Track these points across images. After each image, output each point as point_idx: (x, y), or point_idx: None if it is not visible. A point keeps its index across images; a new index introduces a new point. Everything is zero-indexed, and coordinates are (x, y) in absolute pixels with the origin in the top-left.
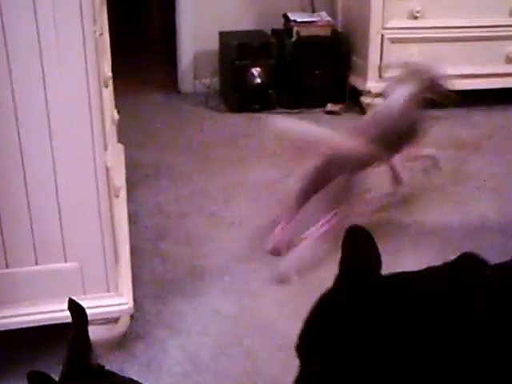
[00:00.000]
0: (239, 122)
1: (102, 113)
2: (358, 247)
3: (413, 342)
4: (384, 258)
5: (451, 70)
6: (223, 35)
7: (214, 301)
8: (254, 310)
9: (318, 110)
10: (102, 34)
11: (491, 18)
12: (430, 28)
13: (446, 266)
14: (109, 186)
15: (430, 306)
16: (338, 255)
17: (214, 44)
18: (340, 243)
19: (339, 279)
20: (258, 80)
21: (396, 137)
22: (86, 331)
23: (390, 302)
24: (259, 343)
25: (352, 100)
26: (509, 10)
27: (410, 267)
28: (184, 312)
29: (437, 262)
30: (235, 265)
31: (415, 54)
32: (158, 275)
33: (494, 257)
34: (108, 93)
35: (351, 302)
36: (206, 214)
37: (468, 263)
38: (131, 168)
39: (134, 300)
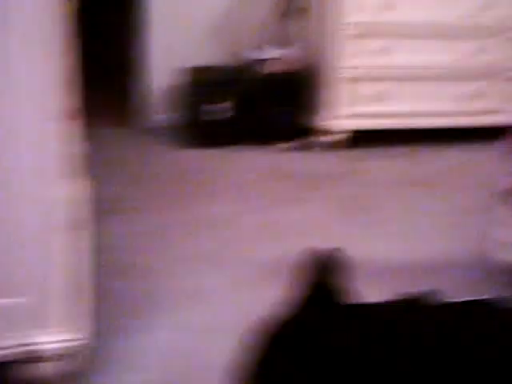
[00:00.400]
0: (199, 157)
1: (69, 145)
2: (322, 274)
3: (374, 370)
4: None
5: (418, 107)
6: (183, 70)
7: (164, 337)
8: (205, 346)
9: (280, 145)
10: (70, 66)
11: (456, 55)
12: (398, 66)
13: (404, 301)
14: (65, 219)
15: (387, 336)
16: None
17: (173, 79)
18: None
19: (301, 305)
20: (220, 115)
21: None
22: None
23: (352, 331)
24: (209, 380)
25: (315, 136)
26: (472, 49)
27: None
28: (134, 349)
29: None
30: (188, 301)
31: (383, 92)
32: (119, 309)
33: (450, 290)
34: (75, 125)
35: (312, 331)
36: (159, 250)
37: (423, 299)
38: (96, 201)
39: (88, 335)
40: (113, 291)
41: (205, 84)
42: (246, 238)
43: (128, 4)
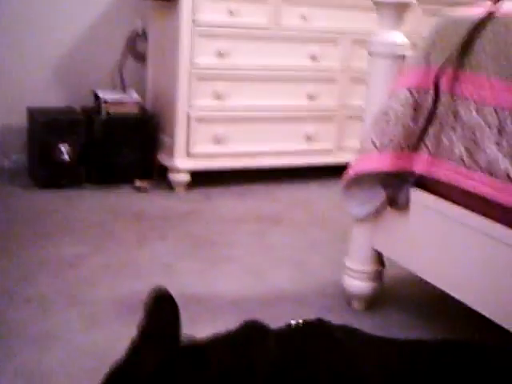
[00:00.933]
0: (46, 198)
1: None
2: (164, 314)
3: None
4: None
5: (256, 148)
6: (31, 111)
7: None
8: None
9: (126, 186)
10: None
11: (292, 100)
12: (235, 108)
13: (232, 333)
14: None
15: (224, 371)
16: None
17: (21, 119)
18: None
19: (143, 346)
20: (66, 157)
21: None
22: None
23: (195, 370)
24: None
25: (160, 177)
26: (306, 94)
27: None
28: None
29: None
30: (29, 345)
31: (221, 133)
32: None
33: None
34: None
35: (161, 372)
36: (1, 293)
37: (250, 330)
38: None
39: None
40: None
41: (51, 125)
42: (95, 278)
43: None
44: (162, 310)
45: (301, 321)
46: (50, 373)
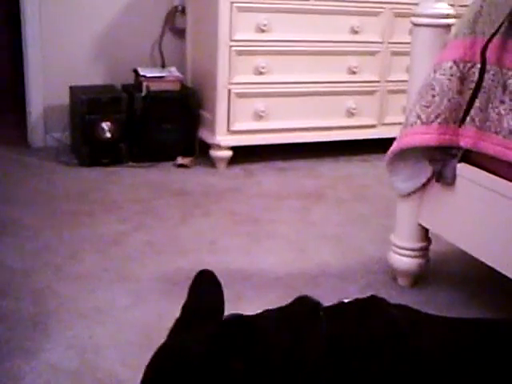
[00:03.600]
0: (90, 176)
1: None
2: (206, 292)
3: None
4: (228, 306)
5: (297, 124)
6: (73, 89)
7: (54, 357)
8: (97, 363)
9: (168, 163)
10: None
11: (333, 75)
12: (275, 83)
13: (284, 309)
14: None
15: (276, 347)
16: None
17: (64, 98)
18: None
19: (190, 324)
20: (108, 134)
21: None
22: None
23: (247, 350)
24: None
25: (202, 153)
26: (347, 68)
27: (256, 309)
28: (23, 371)
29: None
30: (80, 320)
31: (262, 108)
32: (3, 333)
33: (334, 301)
34: None
35: (209, 352)
36: (51, 270)
37: (303, 306)
38: None
39: None
40: (4, 312)
41: (93, 103)
42: (139, 255)
43: (13, 24)
44: (204, 288)
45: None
46: (100, 346)
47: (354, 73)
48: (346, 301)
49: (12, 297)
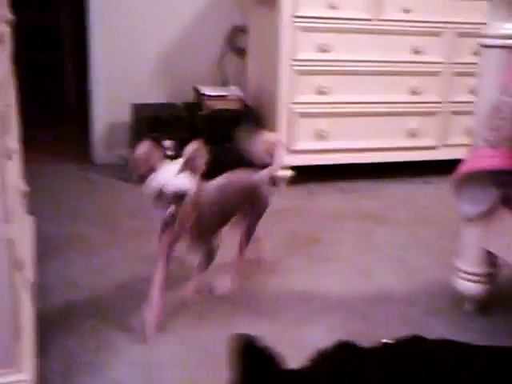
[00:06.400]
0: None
1: (4, 185)
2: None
3: None
4: (291, 329)
5: (359, 144)
6: (135, 107)
7: (119, 374)
8: (161, 381)
9: None
10: (7, 106)
11: (395, 95)
12: (337, 103)
13: (328, 355)
14: (9, 259)
15: None
16: None
17: (125, 115)
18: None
19: None
20: (170, 152)
21: None
22: None
23: None
24: None
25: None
26: (409, 88)
27: (317, 337)
28: None
29: (343, 331)
30: (144, 336)
31: (324, 128)
32: (66, 349)
33: (397, 325)
34: (13, 164)
35: None
36: (117, 286)
37: (345, 350)
38: (42, 240)
39: (39, 376)
40: (60, 330)
41: (155, 121)
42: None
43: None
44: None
45: (391, 340)
46: (164, 364)
47: (415, 93)
48: (384, 341)
49: (79, 312)
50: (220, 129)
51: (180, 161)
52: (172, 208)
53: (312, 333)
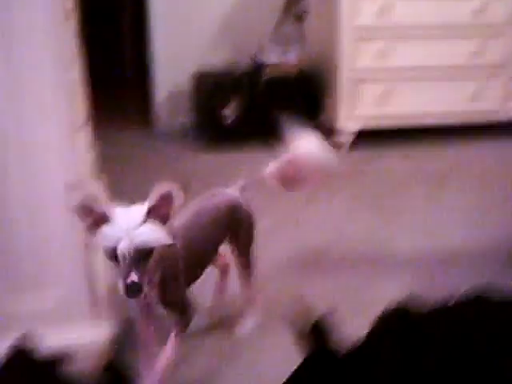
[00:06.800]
0: (212, 160)
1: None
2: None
3: None
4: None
5: (421, 107)
6: (196, 75)
7: None
8: None
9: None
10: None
11: (456, 58)
12: (398, 68)
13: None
14: None
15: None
16: None
17: (187, 84)
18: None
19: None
20: (230, 119)
21: None
22: None
23: None
24: None
25: (324, 138)
26: (470, 50)
27: (387, 292)
28: None
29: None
30: None
31: (385, 93)
32: None
33: (464, 282)
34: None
35: None
36: None
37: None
38: None
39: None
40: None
41: (215, 89)
42: (267, 235)
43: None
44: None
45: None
46: None
47: (477, 55)
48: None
49: None
50: (280, 96)
51: (142, 206)
52: (134, 275)
53: (382, 293)
